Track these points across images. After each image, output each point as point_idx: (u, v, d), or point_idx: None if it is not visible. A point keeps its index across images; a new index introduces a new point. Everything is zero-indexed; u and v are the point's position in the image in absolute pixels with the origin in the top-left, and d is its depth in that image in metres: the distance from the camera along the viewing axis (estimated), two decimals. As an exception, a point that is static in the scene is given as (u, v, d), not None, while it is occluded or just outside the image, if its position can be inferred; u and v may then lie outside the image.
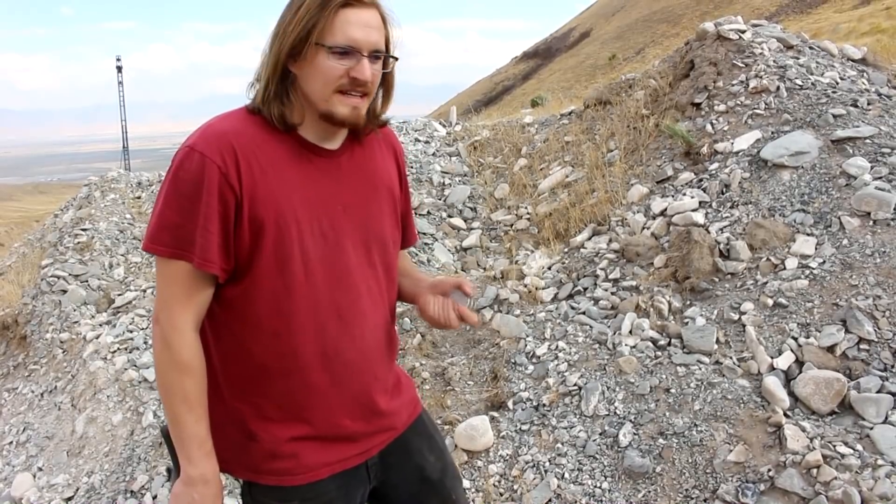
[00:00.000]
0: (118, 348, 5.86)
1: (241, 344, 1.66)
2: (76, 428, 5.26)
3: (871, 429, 3.22)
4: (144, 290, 6.87)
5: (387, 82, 1.72)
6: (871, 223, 4.19)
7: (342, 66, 1.55)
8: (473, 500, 3.55)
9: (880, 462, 3.03)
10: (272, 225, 1.57)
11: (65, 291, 6.88)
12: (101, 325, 6.36)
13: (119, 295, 6.84)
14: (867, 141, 4.77)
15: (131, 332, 6.09)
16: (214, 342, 1.69)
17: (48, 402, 5.85)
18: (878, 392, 3.37)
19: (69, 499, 4.66)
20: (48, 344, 6.41)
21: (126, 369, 5.51)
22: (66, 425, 5.44)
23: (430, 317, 1.88)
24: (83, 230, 7.82)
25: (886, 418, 3.28)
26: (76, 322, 6.47)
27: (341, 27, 1.53)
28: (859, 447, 3.14)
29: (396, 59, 1.67)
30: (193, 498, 1.60)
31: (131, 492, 4.41)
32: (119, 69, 71.28)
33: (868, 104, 5.26)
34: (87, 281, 7.06)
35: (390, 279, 1.86)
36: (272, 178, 1.57)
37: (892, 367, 3.48)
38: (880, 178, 4.43)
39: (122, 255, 7.56)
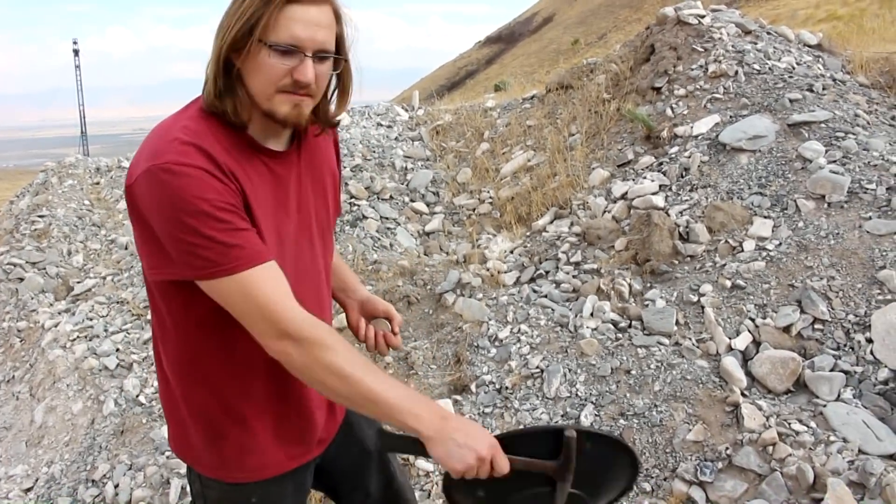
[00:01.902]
0: (77, 336, 5.77)
1: (211, 344, 1.60)
2: (35, 418, 5.18)
3: (825, 406, 3.30)
4: (104, 278, 6.76)
5: (342, 84, 1.64)
6: (825, 206, 4.27)
7: (284, 66, 1.46)
8: (437, 483, 3.57)
9: (833, 438, 3.10)
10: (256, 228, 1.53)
11: (22, 279, 6.75)
12: (59, 314, 6.26)
13: (78, 282, 6.73)
14: (822, 125, 4.86)
15: (91, 319, 6.00)
16: (178, 344, 1.63)
17: (6, 392, 5.75)
18: (831, 370, 3.45)
19: (28, 489, 4.59)
20: (5, 333, 6.30)
21: (86, 357, 5.43)
22: (24, 415, 5.35)
23: (360, 338, 1.99)
24: (40, 217, 7.67)
25: (839, 396, 3.36)
26: (34, 310, 6.36)
27: (285, 24, 1.43)
28: (813, 424, 3.21)
29: (346, 60, 1.57)
30: (459, 441, 1.44)
31: (92, 481, 4.35)
32: (76, 52, 69.87)
33: (823, 89, 5.35)
34: (44, 268, 6.94)
35: (330, 263, 1.88)
36: (247, 185, 1.51)
37: (845, 346, 3.57)
38: (834, 161, 4.51)
39: (80, 242, 7.44)
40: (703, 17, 6.30)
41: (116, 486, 4.23)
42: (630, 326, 4.06)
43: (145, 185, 1.41)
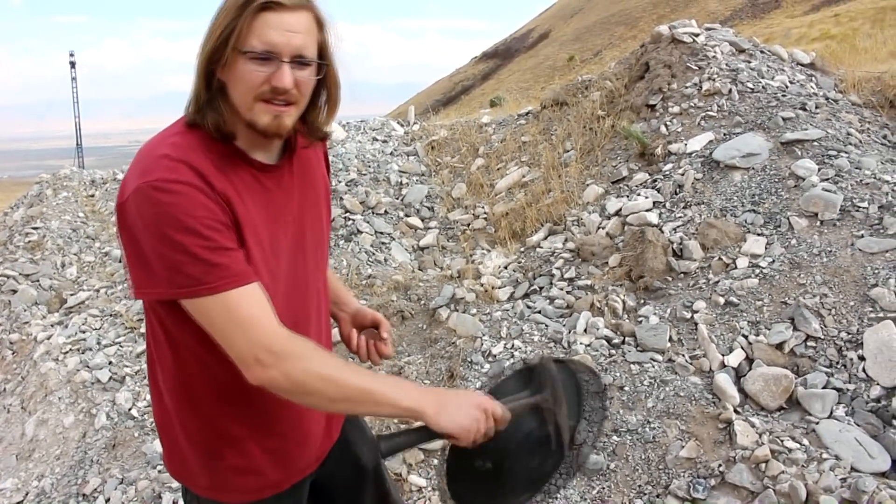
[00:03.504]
0: (70, 349, 5.75)
1: (208, 365, 1.57)
2: (26, 431, 5.15)
3: (817, 423, 3.30)
4: (98, 290, 6.75)
5: (329, 92, 1.63)
6: (818, 223, 4.29)
7: (262, 73, 1.46)
8: (430, 499, 3.56)
9: (825, 456, 3.10)
10: (244, 246, 1.52)
11: (15, 291, 6.74)
12: (52, 326, 6.24)
13: (72, 295, 6.72)
14: (815, 143, 4.89)
15: (84, 332, 5.98)
16: (174, 365, 1.61)
17: (-4, 405, 5.73)
18: (823, 388, 3.46)
19: (18, 503, 4.57)
20: (-4, 345, 6.27)
21: (78, 370, 5.41)
22: (15, 428, 5.32)
23: (352, 349, 1.98)
24: (34, 229, 7.67)
25: (831, 413, 3.37)
26: (26, 322, 6.33)
27: (259, 31, 1.44)
28: (805, 441, 3.21)
29: (326, 64, 1.56)
30: (458, 403, 1.54)
31: (83, 495, 4.33)
32: (72, 64, 69.87)
33: (816, 108, 5.39)
34: (38, 281, 6.92)
35: (325, 275, 1.88)
36: (236, 200, 1.50)
37: (838, 363, 3.58)
38: (827, 179, 4.54)
39: (74, 255, 7.43)
40: (697, 35, 6.34)
41: (108, 501, 4.20)
42: (623, 343, 4.07)
43: (135, 202, 1.41)
